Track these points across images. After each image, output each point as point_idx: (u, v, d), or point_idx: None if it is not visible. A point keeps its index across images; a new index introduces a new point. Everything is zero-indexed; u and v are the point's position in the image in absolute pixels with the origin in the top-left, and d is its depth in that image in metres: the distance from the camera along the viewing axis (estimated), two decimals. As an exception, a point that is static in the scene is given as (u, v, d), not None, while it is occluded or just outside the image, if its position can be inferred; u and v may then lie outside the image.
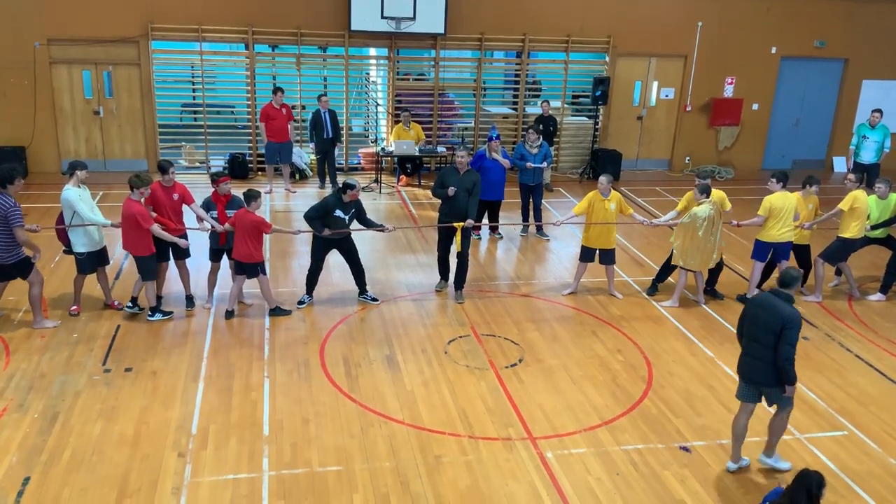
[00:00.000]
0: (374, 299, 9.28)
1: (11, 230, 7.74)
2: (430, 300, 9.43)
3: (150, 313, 8.53)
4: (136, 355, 7.72)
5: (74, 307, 8.58)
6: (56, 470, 5.87)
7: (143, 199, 8.22)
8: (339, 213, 8.77)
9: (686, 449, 6.52)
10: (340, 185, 8.86)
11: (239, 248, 8.50)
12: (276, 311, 8.79)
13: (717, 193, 9.33)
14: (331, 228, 8.76)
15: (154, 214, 8.36)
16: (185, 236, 8.69)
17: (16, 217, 7.72)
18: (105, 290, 8.80)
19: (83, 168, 8.36)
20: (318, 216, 8.73)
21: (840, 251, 9.75)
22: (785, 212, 9.16)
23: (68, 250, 8.52)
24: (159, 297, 8.68)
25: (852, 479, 6.20)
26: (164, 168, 8.57)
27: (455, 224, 9.26)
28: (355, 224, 9.02)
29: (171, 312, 8.66)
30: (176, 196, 8.67)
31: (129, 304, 8.60)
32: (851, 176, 9.79)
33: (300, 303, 9.05)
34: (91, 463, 5.98)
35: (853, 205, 9.46)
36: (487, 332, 8.59)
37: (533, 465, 6.21)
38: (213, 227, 8.63)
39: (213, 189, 8.76)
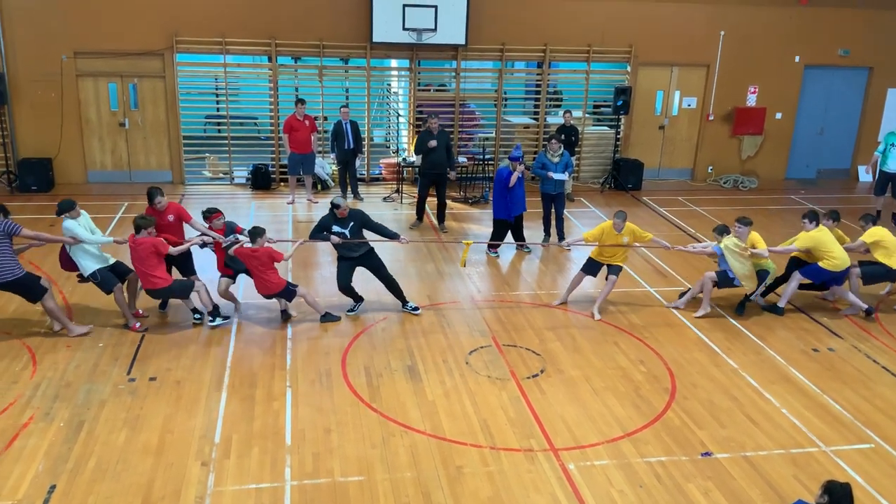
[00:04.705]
0: (416, 309, 9.28)
1: (11, 240, 7.91)
2: (450, 310, 9.43)
3: (210, 319, 8.65)
4: (160, 364, 7.79)
5: (135, 324, 8.54)
6: (81, 478, 5.93)
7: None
8: (337, 228, 8.87)
9: (707, 453, 6.51)
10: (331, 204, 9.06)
11: (257, 284, 8.62)
12: (326, 318, 8.89)
13: (753, 235, 9.30)
14: (338, 245, 8.91)
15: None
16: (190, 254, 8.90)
17: (13, 228, 7.86)
18: (131, 301, 8.79)
19: (70, 209, 8.30)
20: (317, 234, 8.95)
21: (880, 276, 9.67)
22: (831, 240, 9.26)
23: (82, 279, 8.56)
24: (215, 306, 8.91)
25: (880, 493, 6.11)
26: (150, 196, 8.66)
27: (465, 242, 9.89)
28: (373, 236, 9.08)
29: (228, 317, 8.82)
30: (171, 217, 8.76)
31: (139, 325, 8.62)
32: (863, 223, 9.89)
33: (351, 310, 9.16)
34: (116, 471, 6.03)
35: (874, 239, 9.51)
36: (508, 343, 8.57)
37: (555, 476, 6.18)
38: (214, 239, 8.69)
39: (207, 224, 8.81)
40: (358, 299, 9.22)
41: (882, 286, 10.16)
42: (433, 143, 12.25)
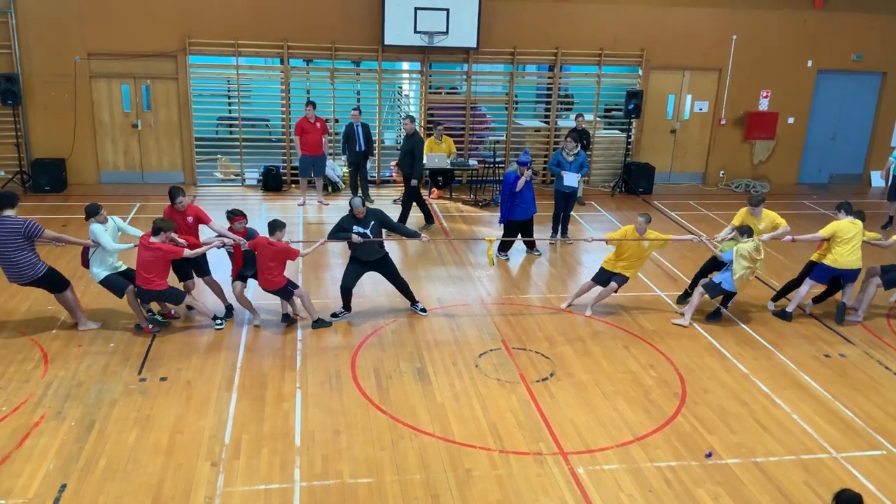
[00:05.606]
0: (423, 310, 9.32)
1: (33, 242, 8.02)
2: (460, 313, 9.43)
3: (218, 322, 8.71)
4: (171, 365, 7.82)
5: (147, 325, 8.56)
6: (92, 477, 5.96)
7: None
8: (357, 229, 8.84)
9: (710, 454, 6.55)
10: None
11: (260, 278, 8.62)
12: (318, 323, 8.84)
13: (768, 214, 9.26)
14: (360, 245, 8.86)
15: (175, 236, 8.47)
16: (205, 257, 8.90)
17: (35, 230, 7.98)
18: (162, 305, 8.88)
19: (95, 213, 8.37)
20: (337, 233, 8.90)
21: None
22: (853, 236, 9.14)
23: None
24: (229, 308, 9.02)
25: (892, 501, 6.07)
26: (172, 196, 8.70)
27: (487, 239, 9.74)
28: (394, 234, 9.11)
29: (223, 320, 8.85)
30: (190, 219, 8.80)
31: (158, 319, 8.69)
32: None
33: (334, 315, 9.09)
34: (126, 471, 6.06)
35: None
36: (518, 346, 8.56)
37: (564, 480, 6.17)
38: (235, 242, 8.67)
39: (229, 224, 8.81)
40: (348, 308, 9.13)
41: (891, 293, 10.07)
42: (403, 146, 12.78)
